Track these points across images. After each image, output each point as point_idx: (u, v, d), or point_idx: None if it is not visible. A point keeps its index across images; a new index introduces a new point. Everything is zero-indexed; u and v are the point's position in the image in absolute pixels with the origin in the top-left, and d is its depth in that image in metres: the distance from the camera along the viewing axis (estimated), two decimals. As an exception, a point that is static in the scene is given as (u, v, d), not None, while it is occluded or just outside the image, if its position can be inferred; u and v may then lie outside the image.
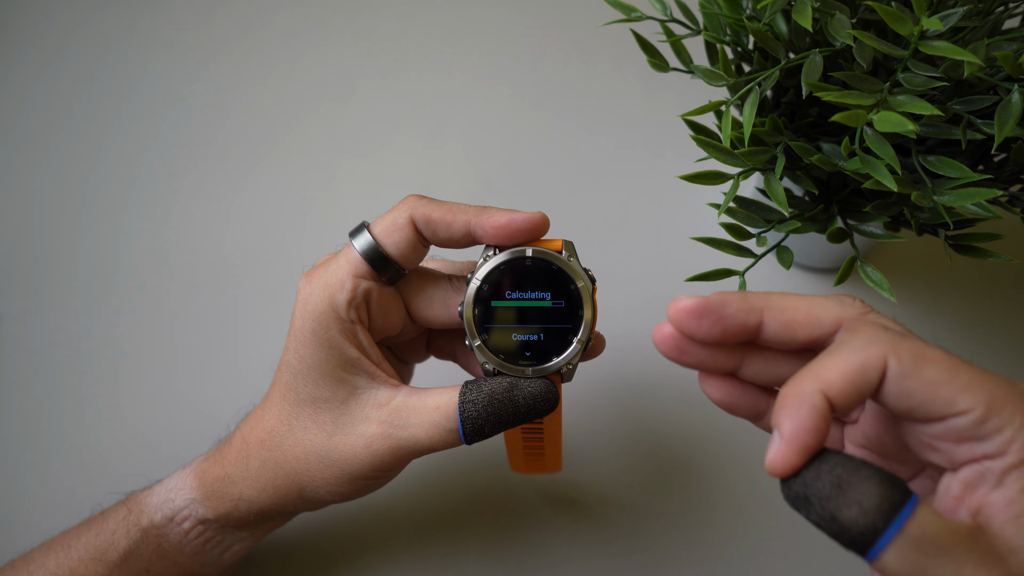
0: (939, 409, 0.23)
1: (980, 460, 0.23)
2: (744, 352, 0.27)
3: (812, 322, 0.25)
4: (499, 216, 0.30)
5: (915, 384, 0.23)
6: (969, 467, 0.24)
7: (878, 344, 0.23)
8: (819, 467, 0.23)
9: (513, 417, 0.30)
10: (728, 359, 0.27)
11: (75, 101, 0.57)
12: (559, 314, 0.30)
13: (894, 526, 0.22)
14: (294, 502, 0.33)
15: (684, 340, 0.26)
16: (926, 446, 0.25)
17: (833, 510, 0.22)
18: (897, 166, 0.29)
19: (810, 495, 0.23)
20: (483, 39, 0.60)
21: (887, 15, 0.28)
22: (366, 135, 0.56)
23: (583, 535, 0.43)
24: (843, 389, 0.23)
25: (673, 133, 0.53)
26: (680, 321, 0.25)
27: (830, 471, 0.23)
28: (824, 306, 0.25)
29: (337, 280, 0.31)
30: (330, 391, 0.31)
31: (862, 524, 0.22)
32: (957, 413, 0.23)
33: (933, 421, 0.23)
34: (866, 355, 0.23)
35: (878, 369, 0.23)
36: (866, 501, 0.22)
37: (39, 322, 0.49)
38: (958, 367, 0.23)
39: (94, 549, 0.34)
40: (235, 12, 0.61)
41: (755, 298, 0.25)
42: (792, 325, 0.25)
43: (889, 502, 0.22)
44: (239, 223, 0.52)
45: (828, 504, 0.22)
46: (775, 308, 0.25)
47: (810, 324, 0.25)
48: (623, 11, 0.39)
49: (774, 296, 0.26)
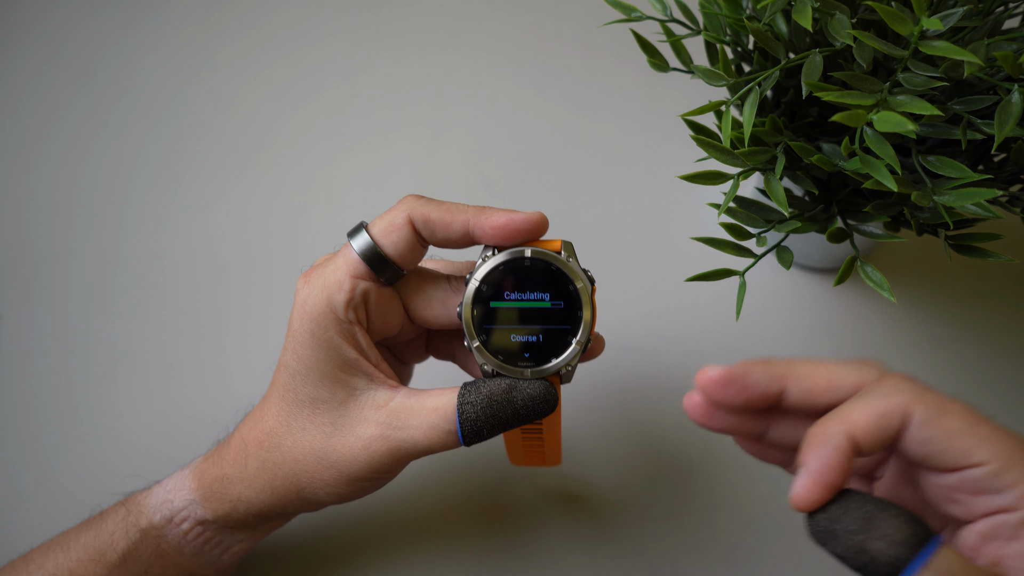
0: (956, 459, 0.24)
1: (996, 513, 0.24)
2: (770, 417, 0.28)
3: (832, 387, 0.27)
4: (498, 216, 0.30)
5: (935, 433, 0.24)
6: (986, 520, 0.25)
7: (903, 393, 0.25)
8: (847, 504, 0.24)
9: (512, 419, 0.30)
10: (755, 424, 0.28)
11: (74, 101, 0.57)
12: (558, 315, 0.30)
13: (920, 558, 0.23)
14: (293, 503, 0.33)
15: (712, 407, 0.28)
16: (945, 498, 0.26)
17: (862, 543, 0.23)
18: (897, 166, 0.29)
19: (837, 529, 0.24)
20: (483, 39, 0.60)
21: (887, 15, 0.28)
22: (365, 135, 0.56)
23: (583, 536, 0.43)
24: (867, 431, 0.24)
25: (673, 133, 0.53)
26: (707, 389, 0.27)
27: (859, 508, 0.24)
28: (844, 372, 0.27)
29: (335, 280, 0.31)
30: (328, 392, 0.31)
31: (890, 555, 0.23)
32: (973, 464, 0.24)
33: (950, 471, 0.25)
34: (892, 401, 0.25)
35: (901, 415, 0.24)
36: (895, 534, 0.23)
37: (39, 322, 0.49)
38: (977, 421, 0.24)
39: (93, 550, 0.34)
40: (234, 11, 0.61)
41: (778, 367, 0.27)
42: (813, 392, 0.27)
43: (916, 537, 0.23)
44: (238, 223, 0.52)
45: (856, 537, 0.24)
46: (796, 376, 0.27)
47: (831, 390, 0.27)
48: (623, 11, 0.39)
49: (796, 363, 0.27)
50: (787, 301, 0.49)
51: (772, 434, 0.29)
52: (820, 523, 0.24)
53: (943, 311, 0.49)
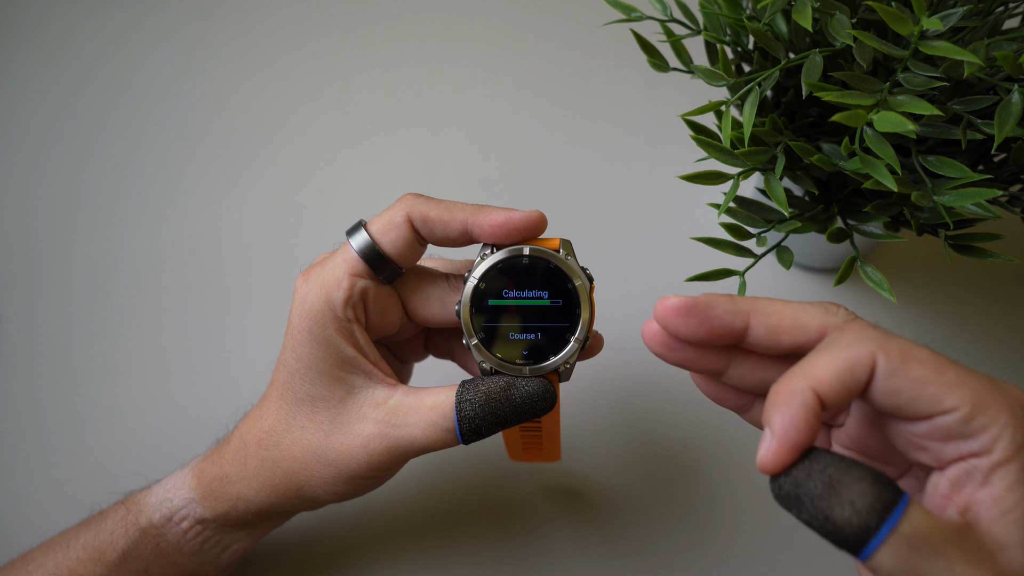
0: (926, 407, 0.23)
1: (967, 458, 0.24)
2: (731, 355, 0.27)
3: (797, 327, 0.26)
4: (496, 214, 0.30)
5: (902, 382, 0.23)
6: (956, 465, 0.24)
7: (867, 342, 0.24)
8: (810, 466, 0.23)
9: (511, 417, 0.30)
10: (715, 360, 0.27)
11: (73, 101, 0.57)
12: (556, 313, 0.30)
13: (887, 525, 0.22)
14: (292, 501, 0.33)
15: (671, 338, 0.27)
16: (913, 445, 0.25)
17: (825, 510, 0.23)
18: (897, 166, 0.29)
19: (801, 494, 0.23)
20: (483, 39, 0.60)
21: (887, 15, 0.28)
22: (364, 134, 0.56)
23: (582, 533, 0.43)
24: (833, 386, 0.23)
25: (673, 133, 0.53)
26: (666, 319, 0.26)
27: (821, 470, 0.23)
28: (809, 312, 0.26)
29: (334, 279, 0.31)
30: (327, 390, 0.31)
31: (855, 524, 0.22)
32: (943, 411, 0.23)
33: (920, 419, 0.24)
34: (855, 352, 0.24)
35: (867, 366, 0.23)
36: (859, 501, 0.22)
37: (39, 322, 0.49)
38: (945, 366, 0.24)
39: (92, 549, 0.34)
40: (234, 10, 0.61)
41: (742, 302, 0.26)
42: (777, 330, 0.26)
43: (882, 501, 0.22)
44: (237, 222, 0.52)
45: (820, 503, 0.23)
46: (761, 312, 0.26)
47: (795, 329, 0.26)
48: (623, 11, 0.39)
49: (761, 301, 0.26)
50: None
51: (731, 373, 0.28)
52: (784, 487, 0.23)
53: (943, 311, 0.49)
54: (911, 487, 0.28)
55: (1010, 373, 0.47)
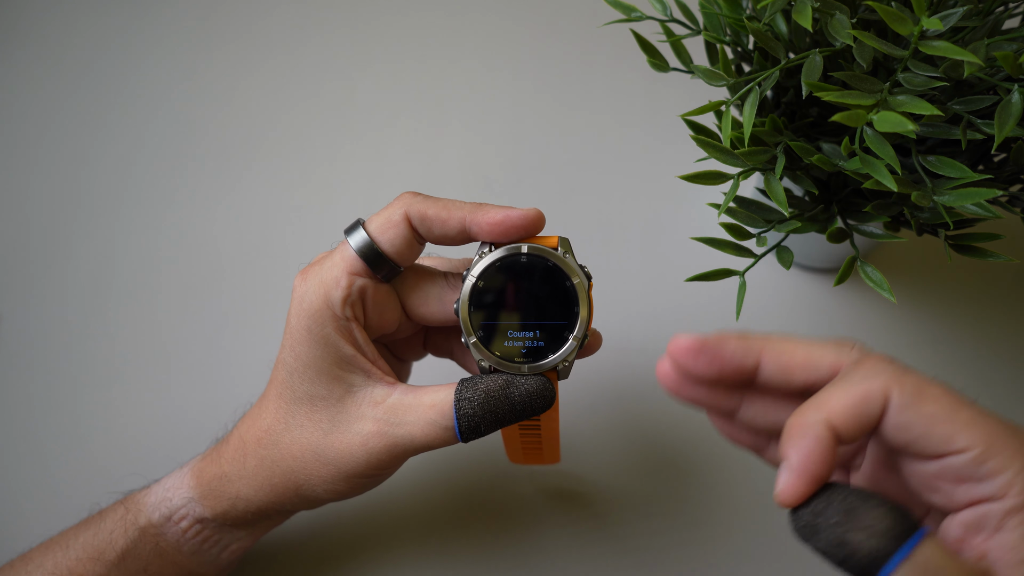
0: (936, 445, 0.23)
1: (979, 503, 0.23)
2: (743, 394, 0.27)
3: (809, 365, 0.25)
4: (494, 213, 0.30)
5: (914, 417, 0.23)
6: (969, 510, 0.23)
7: (881, 375, 0.24)
8: (829, 497, 0.23)
9: (509, 415, 0.30)
10: (727, 399, 0.27)
11: (73, 100, 0.57)
12: (555, 311, 0.30)
13: (903, 551, 0.22)
14: (291, 500, 0.33)
15: (683, 376, 0.27)
16: (927, 486, 0.25)
17: (842, 534, 0.22)
18: (897, 166, 0.29)
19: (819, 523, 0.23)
20: (483, 38, 0.60)
21: (887, 15, 0.28)
22: (364, 134, 0.56)
23: (581, 533, 0.43)
24: (847, 419, 0.23)
25: (673, 133, 0.53)
26: (678, 357, 0.26)
27: (841, 500, 0.23)
28: (822, 350, 0.26)
29: (332, 277, 0.31)
30: (326, 389, 0.31)
31: (870, 547, 0.22)
32: (955, 451, 0.23)
33: (931, 458, 0.24)
34: (869, 386, 0.24)
35: (880, 400, 0.23)
36: (877, 525, 0.22)
37: (39, 322, 0.49)
38: (959, 405, 0.23)
39: (92, 548, 0.34)
40: (233, 10, 0.61)
41: (754, 340, 0.26)
42: (789, 367, 0.26)
43: (900, 527, 0.22)
44: (236, 221, 0.52)
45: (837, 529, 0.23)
46: (773, 350, 0.26)
47: (807, 367, 0.25)
48: (623, 11, 0.39)
49: (773, 339, 0.26)
50: (787, 301, 0.49)
51: (744, 412, 0.28)
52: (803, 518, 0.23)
53: (943, 311, 0.49)
54: None
55: (1010, 373, 0.47)
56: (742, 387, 0.27)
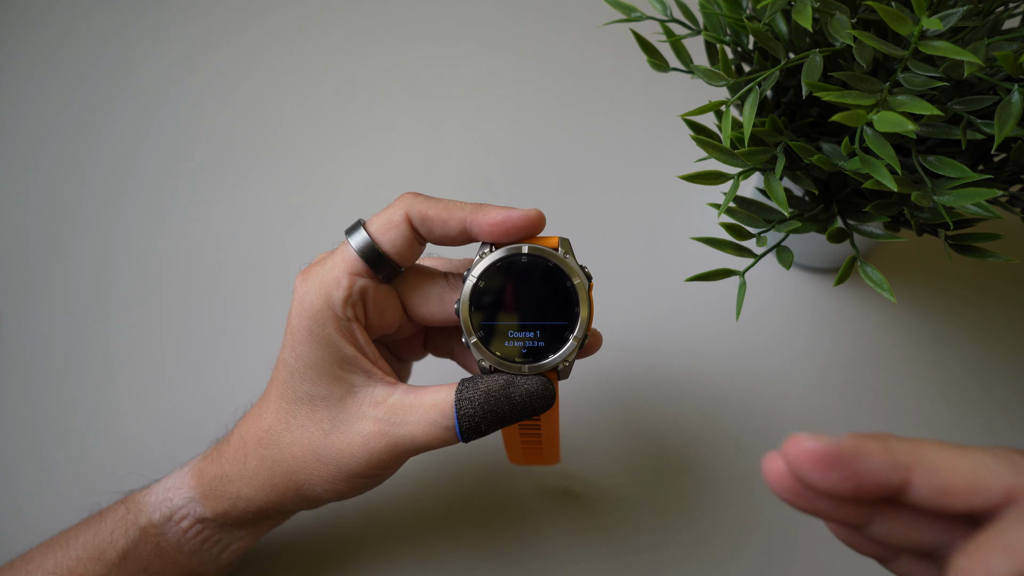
0: None
1: None
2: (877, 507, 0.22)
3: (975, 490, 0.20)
4: (495, 213, 0.30)
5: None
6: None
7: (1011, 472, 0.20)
8: None
9: (510, 414, 0.30)
10: (856, 514, 0.22)
11: (73, 100, 0.57)
12: (556, 311, 0.30)
13: None
14: (292, 500, 0.33)
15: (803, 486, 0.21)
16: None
17: None
18: (897, 166, 0.29)
19: None
20: (483, 39, 0.60)
21: (887, 15, 0.28)
22: (364, 134, 0.56)
23: (582, 533, 0.43)
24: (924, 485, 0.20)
25: (673, 133, 0.53)
26: (801, 467, 0.21)
27: None
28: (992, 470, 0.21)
29: (333, 278, 0.31)
30: (327, 389, 0.31)
31: None
32: None
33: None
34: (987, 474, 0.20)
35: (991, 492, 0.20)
36: None
37: (39, 322, 0.49)
38: None
39: (92, 548, 0.34)
40: (233, 9, 0.61)
41: (901, 451, 0.21)
42: (948, 492, 0.21)
43: None
44: (236, 222, 0.52)
45: None
46: (927, 467, 0.21)
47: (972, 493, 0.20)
48: (623, 11, 0.39)
49: (926, 449, 0.21)
50: (787, 301, 0.49)
51: (878, 529, 0.22)
52: None
53: (943, 311, 0.49)
54: None
55: (1010, 373, 0.47)
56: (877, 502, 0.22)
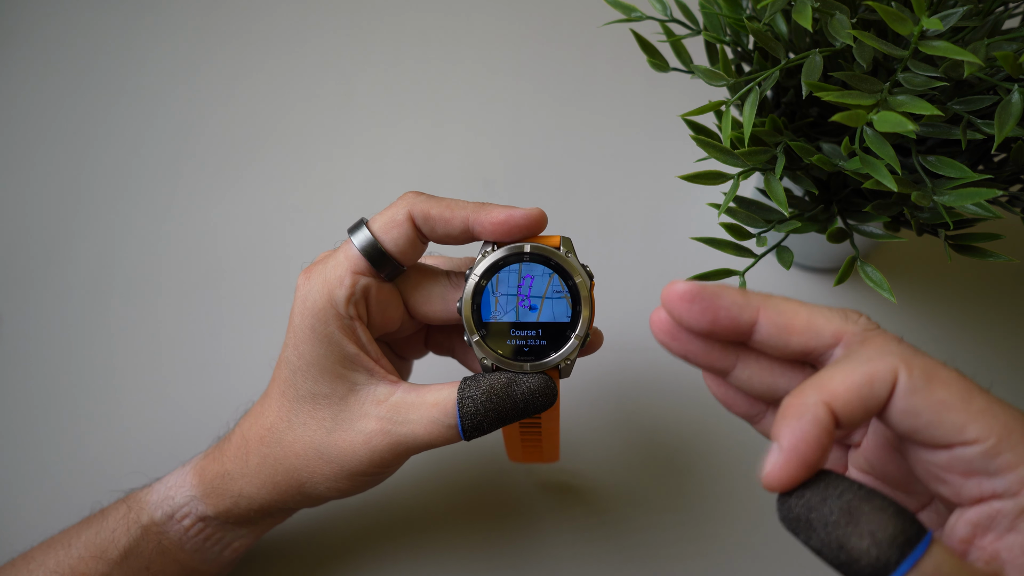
0: (947, 434, 0.21)
1: (991, 499, 0.22)
2: (738, 353, 0.26)
3: (810, 330, 0.24)
4: (497, 212, 0.30)
5: (923, 403, 0.21)
6: (980, 507, 0.22)
7: (889, 356, 0.22)
8: (825, 490, 0.21)
9: (511, 413, 0.30)
10: (720, 357, 0.26)
11: (72, 100, 0.57)
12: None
13: (908, 561, 0.20)
14: (294, 498, 0.33)
15: (676, 326, 0.25)
16: (933, 476, 0.23)
17: (841, 538, 0.21)
18: (897, 166, 0.30)
19: (813, 519, 0.21)
20: (483, 39, 0.60)
21: (887, 15, 0.28)
22: (365, 133, 0.56)
23: (582, 530, 0.43)
24: (849, 402, 0.22)
25: (673, 133, 0.53)
26: (672, 304, 0.24)
27: (838, 496, 0.21)
28: (826, 316, 0.24)
29: (336, 276, 0.31)
30: (329, 387, 0.31)
31: (874, 556, 0.20)
32: (965, 442, 0.21)
33: (940, 448, 0.22)
34: (875, 367, 0.22)
35: (887, 382, 0.22)
36: (880, 532, 0.20)
37: (39, 322, 0.49)
38: (973, 392, 0.22)
39: (94, 547, 0.34)
40: (234, 9, 0.61)
41: (753, 296, 0.24)
42: (788, 329, 0.24)
43: (904, 535, 0.20)
44: (238, 220, 0.52)
45: (835, 531, 0.21)
46: (772, 309, 0.24)
47: (808, 331, 0.24)
48: (623, 11, 0.39)
49: (774, 298, 0.24)
50: (787, 301, 0.49)
51: (738, 374, 0.26)
52: (794, 509, 0.22)
53: (943, 311, 0.49)
54: (931, 522, 0.26)
55: (1010, 373, 0.47)
56: (737, 346, 0.26)
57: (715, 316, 0.24)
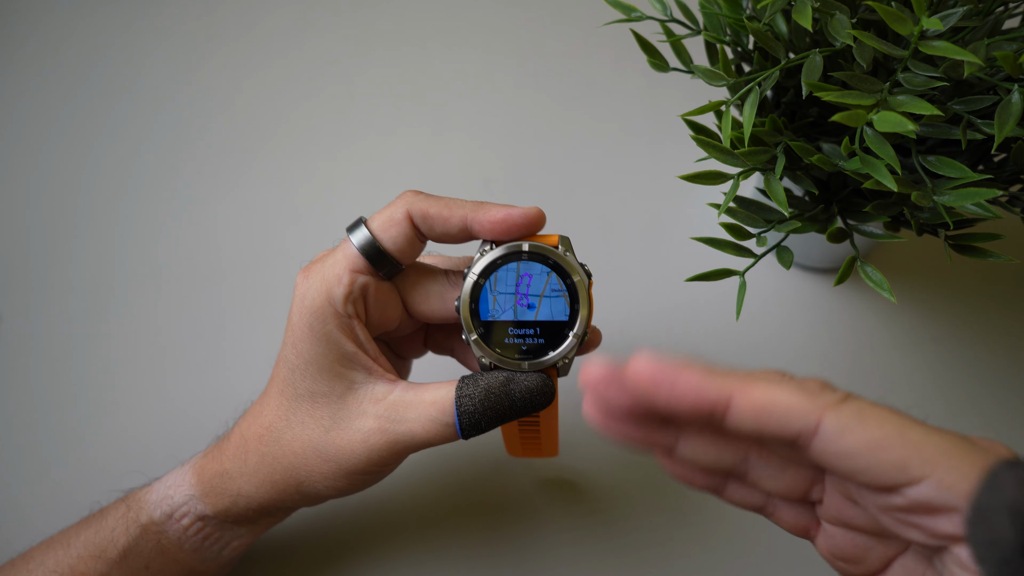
0: (890, 474, 0.20)
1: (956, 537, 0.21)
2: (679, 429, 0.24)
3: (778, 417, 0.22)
4: (495, 211, 0.30)
5: (857, 443, 0.20)
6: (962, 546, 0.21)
7: (819, 398, 0.21)
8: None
9: (509, 411, 0.30)
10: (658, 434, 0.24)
11: (73, 100, 0.57)
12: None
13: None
14: (292, 497, 0.33)
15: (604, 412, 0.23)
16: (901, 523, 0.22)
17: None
18: (897, 166, 0.29)
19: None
20: (483, 39, 0.60)
21: (887, 15, 0.28)
22: (364, 133, 0.56)
23: (580, 527, 0.43)
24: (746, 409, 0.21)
25: (673, 133, 0.53)
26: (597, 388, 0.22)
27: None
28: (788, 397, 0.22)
29: (334, 275, 0.31)
30: (327, 386, 0.31)
31: None
32: (911, 480, 0.20)
33: (888, 491, 0.21)
34: (797, 400, 0.21)
35: (802, 417, 0.21)
36: None
37: (39, 322, 0.49)
38: (906, 427, 0.21)
39: (93, 546, 0.34)
40: (234, 8, 0.61)
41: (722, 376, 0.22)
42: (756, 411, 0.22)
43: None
44: (237, 219, 0.52)
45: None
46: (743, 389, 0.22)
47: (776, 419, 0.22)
48: (623, 11, 0.39)
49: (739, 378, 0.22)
50: (787, 301, 0.49)
51: (684, 449, 0.25)
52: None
53: (943, 311, 0.49)
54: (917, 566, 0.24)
55: (1010, 373, 0.47)
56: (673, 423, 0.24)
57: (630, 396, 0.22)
